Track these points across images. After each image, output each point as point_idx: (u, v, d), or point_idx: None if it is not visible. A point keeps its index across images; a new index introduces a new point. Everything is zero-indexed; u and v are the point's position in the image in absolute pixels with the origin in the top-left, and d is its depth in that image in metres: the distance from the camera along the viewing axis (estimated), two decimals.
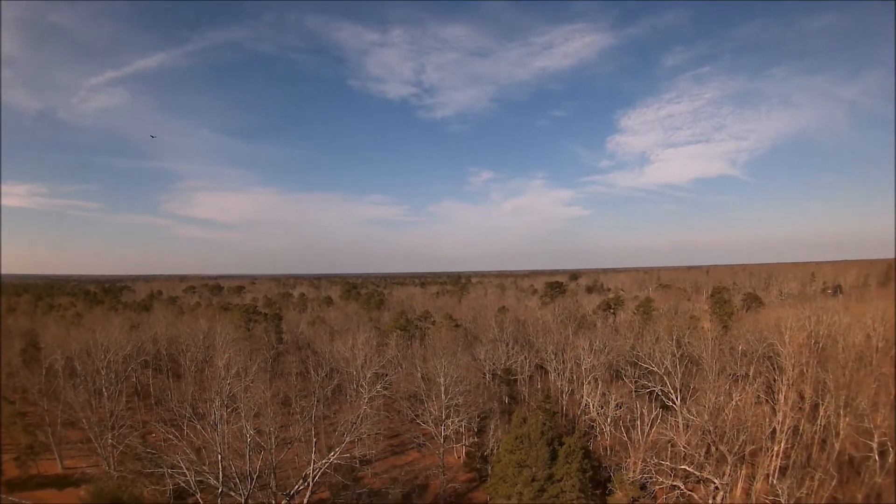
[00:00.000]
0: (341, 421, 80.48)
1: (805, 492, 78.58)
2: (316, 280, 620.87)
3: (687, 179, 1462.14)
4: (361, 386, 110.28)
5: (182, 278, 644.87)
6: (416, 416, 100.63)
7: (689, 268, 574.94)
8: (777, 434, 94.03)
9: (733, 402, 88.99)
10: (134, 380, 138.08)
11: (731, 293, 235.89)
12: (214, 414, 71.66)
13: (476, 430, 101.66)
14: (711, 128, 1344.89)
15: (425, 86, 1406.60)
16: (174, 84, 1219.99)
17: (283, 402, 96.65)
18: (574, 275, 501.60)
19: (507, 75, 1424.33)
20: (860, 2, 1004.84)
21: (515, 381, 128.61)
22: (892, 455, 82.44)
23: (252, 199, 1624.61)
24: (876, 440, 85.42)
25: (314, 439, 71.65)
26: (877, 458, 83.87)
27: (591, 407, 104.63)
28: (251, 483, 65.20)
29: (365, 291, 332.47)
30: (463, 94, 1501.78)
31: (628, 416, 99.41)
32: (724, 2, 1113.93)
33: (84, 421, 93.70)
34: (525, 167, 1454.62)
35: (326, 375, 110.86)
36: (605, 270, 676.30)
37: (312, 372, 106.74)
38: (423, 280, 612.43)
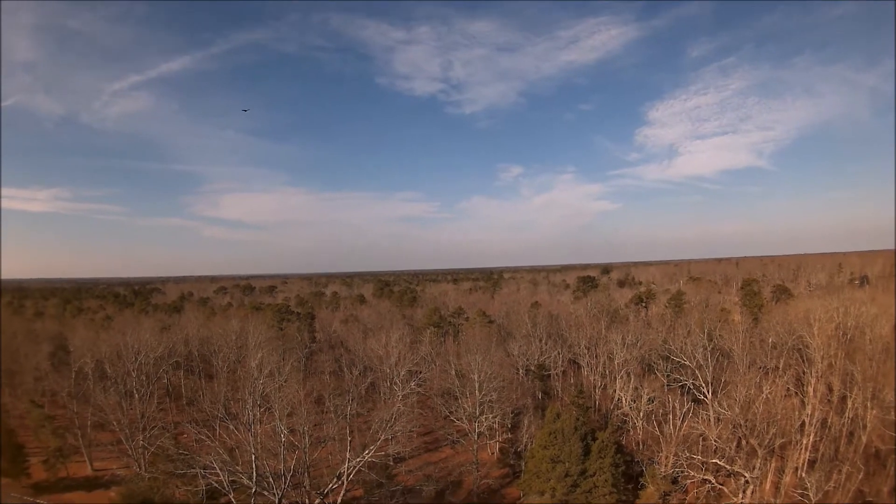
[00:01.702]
0: (375, 419, 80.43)
1: (833, 485, 79.49)
2: (348, 279, 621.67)
3: (715, 171, 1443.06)
4: (395, 383, 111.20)
5: (212, 279, 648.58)
6: (450, 412, 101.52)
7: (719, 260, 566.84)
8: (806, 427, 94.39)
9: (763, 395, 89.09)
10: (165, 381, 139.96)
11: (760, 285, 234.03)
12: (248, 414, 72.21)
13: (510, 426, 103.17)
14: (738, 119, 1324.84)
15: (453, 82, 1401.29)
16: (198, 86, 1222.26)
17: (316, 401, 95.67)
18: (605, 269, 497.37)
19: (534, 70, 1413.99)
20: None
21: (549, 376, 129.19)
22: None
23: (280, 199, 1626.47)
24: None
25: (349, 438, 72.41)
26: None
27: (624, 401, 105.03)
28: (285, 482, 66.05)
29: (398, 289, 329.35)
30: (491, 89, 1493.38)
31: (660, 411, 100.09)
32: None
33: (115, 423, 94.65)
34: (554, 162, 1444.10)
35: (360, 373, 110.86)
36: (635, 264, 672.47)
37: (346, 370, 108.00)
38: (455, 276, 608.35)
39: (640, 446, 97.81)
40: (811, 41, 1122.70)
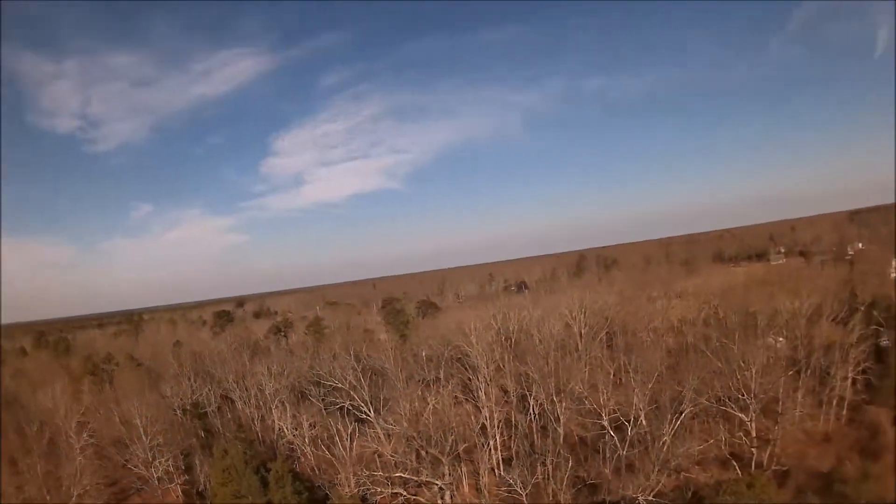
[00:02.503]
0: (64, 475, 78.58)
1: (542, 476, 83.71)
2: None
3: (344, 196, 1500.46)
4: (70, 436, 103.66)
5: None
6: (127, 460, 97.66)
7: (356, 282, 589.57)
8: (488, 429, 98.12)
9: (430, 407, 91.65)
10: None
11: (403, 302, 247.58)
12: None
13: (184, 467, 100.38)
14: (368, 144, 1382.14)
15: (91, 119, 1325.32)
16: None
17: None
18: (240, 301, 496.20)
19: (166, 104, 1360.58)
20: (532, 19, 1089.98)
21: (206, 414, 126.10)
22: (630, 428, 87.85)
23: None
24: (606, 418, 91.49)
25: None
26: (612, 433, 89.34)
27: (286, 430, 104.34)
28: None
29: (52, 338, 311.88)
30: (126, 125, 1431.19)
31: (325, 434, 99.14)
32: (386, 22, 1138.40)
33: None
34: (184, 197, 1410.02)
35: (38, 429, 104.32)
36: (270, 294, 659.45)
37: (25, 427, 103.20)
38: (100, 321, 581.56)
39: (317, 471, 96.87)
40: (459, 66, 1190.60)
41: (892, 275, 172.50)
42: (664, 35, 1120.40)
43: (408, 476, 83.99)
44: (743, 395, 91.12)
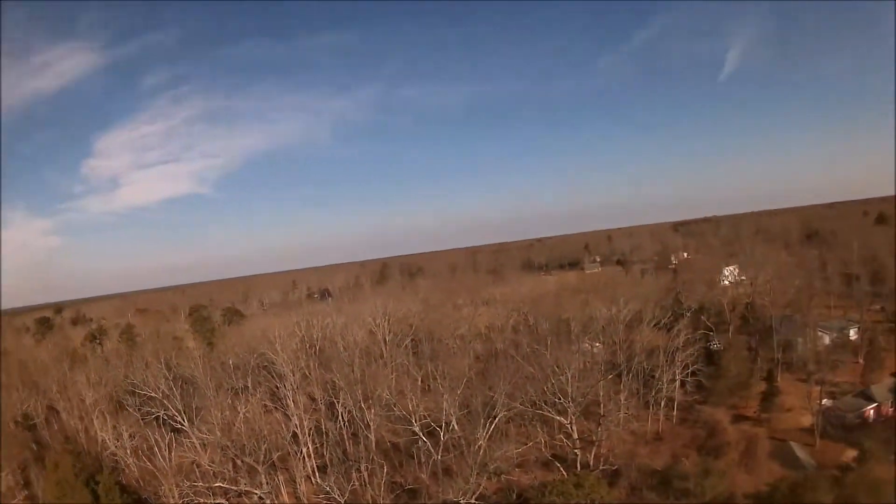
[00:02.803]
0: None
1: (358, 483, 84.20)
2: None
3: (157, 200, 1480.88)
4: None
5: None
6: None
7: (167, 289, 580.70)
8: (300, 437, 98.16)
9: (241, 415, 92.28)
10: None
11: (210, 310, 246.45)
12: None
13: (23, 482, 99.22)
14: (182, 147, 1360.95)
15: None
16: None
17: None
18: (59, 308, 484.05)
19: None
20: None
21: (35, 425, 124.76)
22: (442, 433, 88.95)
23: None
24: (417, 424, 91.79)
25: None
26: (424, 439, 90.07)
27: (109, 441, 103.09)
28: None
29: None
30: None
31: (144, 445, 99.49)
32: (208, 23, 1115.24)
33: None
34: (6, 199, 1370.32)
35: None
36: (87, 300, 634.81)
37: None
38: None
39: (142, 483, 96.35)
40: (274, 72, 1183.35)
41: (723, 282, 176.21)
42: (481, 48, 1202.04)
43: (227, 486, 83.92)
44: (560, 399, 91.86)
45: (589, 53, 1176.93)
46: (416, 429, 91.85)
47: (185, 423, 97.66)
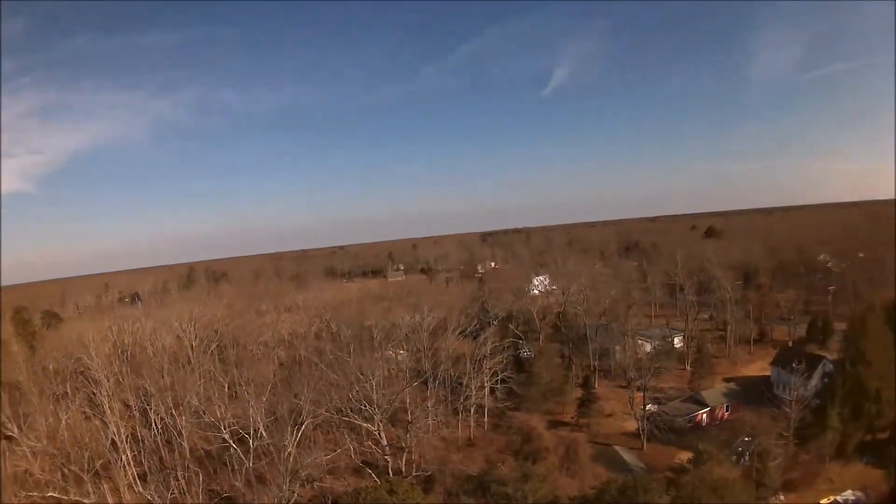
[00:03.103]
0: None
1: (177, 491, 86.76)
2: None
3: None
4: None
5: None
6: None
7: None
8: (119, 445, 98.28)
9: (63, 422, 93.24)
10: None
11: (31, 312, 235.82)
12: None
13: None
14: (11, 142, 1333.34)
15: None
16: None
17: None
18: None
19: None
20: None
21: None
22: (252, 440, 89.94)
23: None
24: (226, 431, 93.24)
25: None
26: (234, 446, 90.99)
27: None
28: None
29: None
30: None
31: None
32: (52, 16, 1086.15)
33: None
34: None
35: None
36: None
37: None
38: None
39: None
40: (105, 68, 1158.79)
41: (533, 291, 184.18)
42: (304, 51, 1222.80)
43: (59, 496, 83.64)
44: (366, 406, 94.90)
45: (413, 62, 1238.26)
46: (227, 436, 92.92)
47: (16, 431, 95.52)
